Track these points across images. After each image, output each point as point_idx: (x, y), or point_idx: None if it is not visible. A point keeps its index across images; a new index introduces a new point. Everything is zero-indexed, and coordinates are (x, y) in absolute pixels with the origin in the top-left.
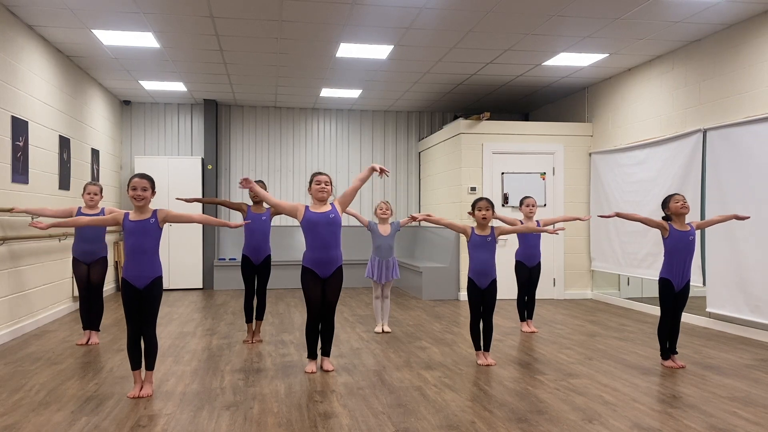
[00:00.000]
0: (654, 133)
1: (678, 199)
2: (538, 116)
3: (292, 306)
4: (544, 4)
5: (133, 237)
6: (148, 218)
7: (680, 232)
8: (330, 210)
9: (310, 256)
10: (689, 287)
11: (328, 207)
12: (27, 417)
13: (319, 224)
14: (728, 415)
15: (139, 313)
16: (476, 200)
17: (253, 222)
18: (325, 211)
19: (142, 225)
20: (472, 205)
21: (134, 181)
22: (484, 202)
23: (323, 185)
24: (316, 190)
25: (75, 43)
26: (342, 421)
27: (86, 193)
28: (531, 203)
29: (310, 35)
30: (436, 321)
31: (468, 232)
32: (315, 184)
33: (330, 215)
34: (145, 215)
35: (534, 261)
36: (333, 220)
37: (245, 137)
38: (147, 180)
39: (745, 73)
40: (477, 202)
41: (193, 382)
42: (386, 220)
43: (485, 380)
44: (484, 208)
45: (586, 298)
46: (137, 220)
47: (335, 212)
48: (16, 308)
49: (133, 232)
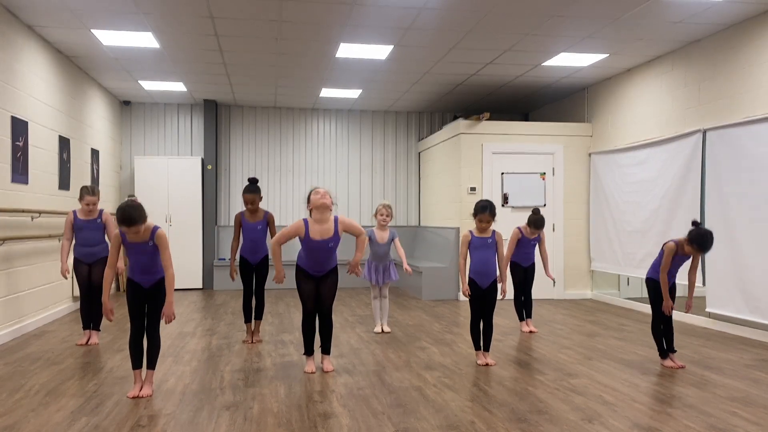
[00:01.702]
0: (654, 134)
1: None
2: (538, 116)
3: (292, 306)
4: (544, 5)
5: (134, 255)
6: (146, 241)
7: (681, 256)
8: (330, 237)
9: (305, 261)
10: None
11: (329, 228)
12: (27, 417)
13: (318, 249)
14: (728, 415)
15: (144, 312)
16: (479, 209)
17: (249, 231)
18: (326, 238)
19: (142, 247)
20: (475, 211)
21: (122, 228)
22: (487, 215)
23: (321, 197)
24: (315, 200)
25: (75, 43)
26: (342, 421)
27: (84, 203)
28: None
29: (310, 36)
30: (435, 321)
31: (468, 238)
32: (314, 195)
33: (329, 244)
34: (144, 238)
35: (528, 261)
36: (331, 248)
37: (245, 137)
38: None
39: (744, 73)
40: (479, 213)
41: (192, 382)
42: (385, 227)
43: (485, 380)
44: (485, 221)
45: (586, 298)
46: (136, 243)
47: (335, 238)
48: (16, 308)
49: (134, 251)
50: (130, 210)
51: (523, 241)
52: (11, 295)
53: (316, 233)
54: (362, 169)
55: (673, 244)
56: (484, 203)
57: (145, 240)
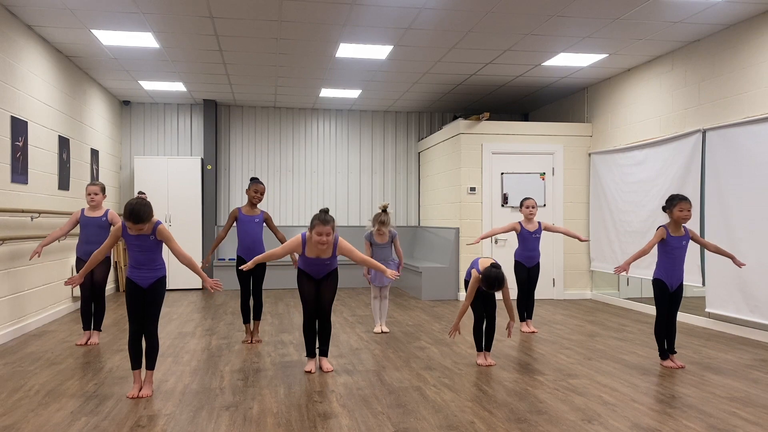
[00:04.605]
0: (653, 134)
1: (683, 208)
2: (538, 116)
3: (292, 306)
4: (544, 5)
5: (134, 249)
6: (147, 235)
7: (675, 237)
8: (327, 258)
9: (304, 266)
10: (683, 288)
11: (328, 248)
12: (26, 417)
13: (315, 264)
14: (727, 415)
15: (142, 312)
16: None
17: (246, 224)
18: (324, 257)
19: (142, 240)
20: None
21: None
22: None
23: (324, 237)
24: (316, 241)
25: (74, 43)
26: (341, 421)
27: (87, 194)
28: (531, 204)
29: (310, 35)
30: (435, 321)
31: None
32: (316, 235)
33: (326, 262)
34: (146, 231)
35: (533, 262)
36: (329, 266)
37: (245, 137)
38: (142, 220)
39: (744, 73)
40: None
41: (192, 382)
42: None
43: (485, 380)
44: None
45: (586, 299)
46: (138, 236)
47: (333, 259)
48: (16, 308)
49: (135, 246)
50: (139, 207)
51: (525, 236)
52: (11, 295)
53: (313, 252)
54: (362, 169)
55: (663, 228)
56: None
57: (146, 234)
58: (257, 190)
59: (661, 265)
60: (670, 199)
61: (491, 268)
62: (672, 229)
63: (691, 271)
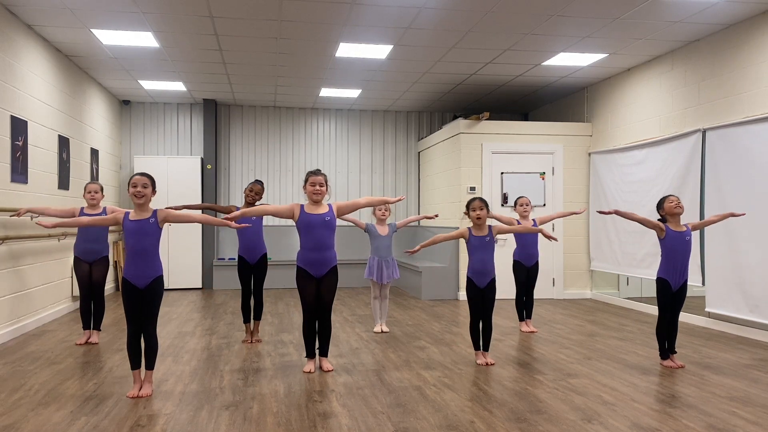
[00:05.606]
0: (653, 133)
1: (672, 200)
2: (538, 116)
3: (291, 306)
4: (544, 4)
5: (133, 237)
6: (147, 218)
7: (676, 232)
8: (326, 212)
9: (304, 256)
10: (686, 287)
11: (324, 208)
12: (26, 417)
13: (315, 225)
14: (727, 414)
15: (140, 313)
16: (470, 200)
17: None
18: (321, 212)
19: (142, 225)
20: (467, 206)
21: (135, 178)
22: (478, 202)
23: (318, 187)
24: (311, 191)
25: (74, 42)
26: (341, 420)
27: (87, 192)
28: (525, 203)
29: (310, 35)
30: (435, 321)
31: (465, 235)
32: (310, 185)
33: (326, 217)
34: (145, 215)
35: (532, 261)
36: (329, 223)
37: (245, 137)
38: (147, 177)
39: (744, 73)
40: (471, 203)
41: (192, 382)
42: (384, 221)
43: (484, 380)
44: (477, 208)
45: (586, 298)
46: (137, 220)
47: (331, 215)
48: (16, 308)
49: (134, 232)
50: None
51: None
52: (11, 295)
53: (312, 208)
54: (362, 169)
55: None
56: (474, 196)
57: (146, 218)
58: (252, 189)
59: (665, 263)
60: (659, 202)
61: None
62: (672, 225)
63: (692, 270)
